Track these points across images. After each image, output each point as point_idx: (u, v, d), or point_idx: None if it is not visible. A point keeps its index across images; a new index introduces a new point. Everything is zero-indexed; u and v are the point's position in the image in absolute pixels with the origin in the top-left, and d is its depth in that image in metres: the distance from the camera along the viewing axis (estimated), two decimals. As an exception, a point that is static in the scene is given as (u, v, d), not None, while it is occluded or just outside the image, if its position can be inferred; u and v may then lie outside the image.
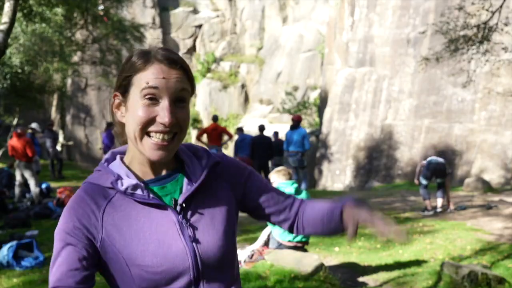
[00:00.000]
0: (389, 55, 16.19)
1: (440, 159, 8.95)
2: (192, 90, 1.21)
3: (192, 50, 26.17)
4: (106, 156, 1.29)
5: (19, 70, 13.12)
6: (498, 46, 8.73)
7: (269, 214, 1.38)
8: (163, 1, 25.72)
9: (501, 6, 8.13)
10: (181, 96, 1.16)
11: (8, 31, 3.72)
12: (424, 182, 8.86)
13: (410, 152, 13.26)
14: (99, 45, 16.61)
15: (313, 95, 23.31)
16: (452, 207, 8.95)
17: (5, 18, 3.67)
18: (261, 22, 26.27)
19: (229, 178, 1.32)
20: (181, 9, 26.13)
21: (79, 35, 17.52)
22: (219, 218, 1.24)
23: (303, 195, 5.10)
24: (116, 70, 17.31)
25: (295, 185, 5.11)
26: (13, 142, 9.73)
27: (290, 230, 1.41)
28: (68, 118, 23.65)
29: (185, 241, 1.18)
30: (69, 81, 22.11)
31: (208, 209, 1.24)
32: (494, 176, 13.48)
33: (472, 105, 14.22)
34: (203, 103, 24.50)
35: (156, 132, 1.14)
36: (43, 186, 10.88)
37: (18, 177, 9.90)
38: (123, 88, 1.18)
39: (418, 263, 5.75)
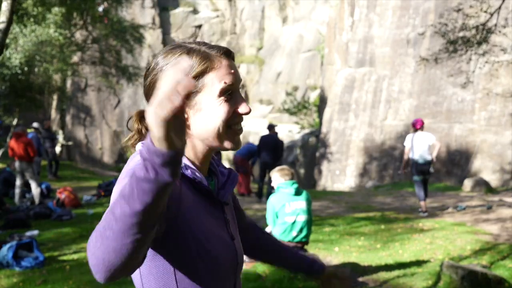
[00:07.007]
0: (389, 55, 16.20)
1: (426, 157, 8.45)
2: None
3: (192, 50, 26.18)
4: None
5: (19, 71, 13.10)
6: (497, 47, 8.72)
7: None
8: (163, 1, 25.72)
9: (499, 8, 8.13)
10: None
11: (5, 31, 3.71)
12: (416, 178, 8.70)
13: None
14: (99, 46, 16.60)
15: (313, 95, 23.32)
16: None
17: (3, 17, 3.66)
18: (261, 22, 26.28)
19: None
20: (181, 9, 26.13)
21: (78, 36, 17.52)
22: (235, 221, 1.34)
23: (303, 196, 5.09)
24: (116, 71, 17.30)
25: (295, 185, 5.09)
26: (12, 143, 9.75)
27: None
28: (68, 118, 23.65)
29: (229, 236, 1.23)
30: (69, 81, 22.12)
31: (232, 211, 1.34)
32: (493, 177, 13.48)
33: (472, 105, 14.22)
34: (203, 104, 24.52)
35: (238, 122, 1.21)
36: (43, 186, 10.89)
37: (18, 178, 9.90)
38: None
39: (418, 263, 5.74)
